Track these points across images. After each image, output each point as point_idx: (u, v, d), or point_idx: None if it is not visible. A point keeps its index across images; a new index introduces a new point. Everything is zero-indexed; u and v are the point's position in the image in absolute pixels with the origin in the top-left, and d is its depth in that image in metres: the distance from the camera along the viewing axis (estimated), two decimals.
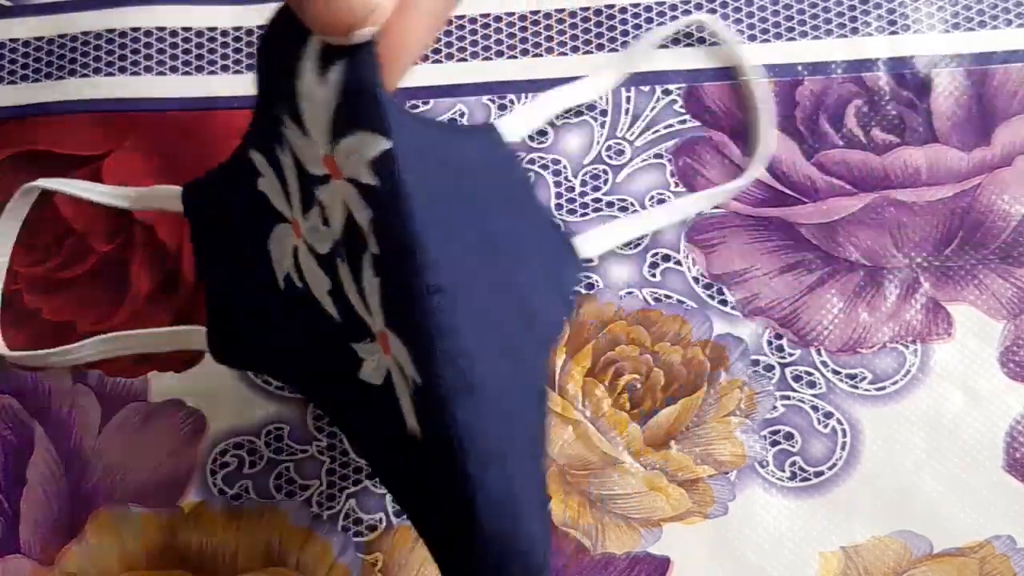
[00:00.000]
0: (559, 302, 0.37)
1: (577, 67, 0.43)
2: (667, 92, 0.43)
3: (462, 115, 0.43)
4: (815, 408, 0.40)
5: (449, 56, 0.44)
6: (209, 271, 0.38)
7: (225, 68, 0.44)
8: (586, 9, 0.44)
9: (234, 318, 0.37)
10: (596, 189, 0.42)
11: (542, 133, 0.43)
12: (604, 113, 0.43)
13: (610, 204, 0.42)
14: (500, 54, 0.44)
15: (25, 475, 0.39)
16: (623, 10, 0.44)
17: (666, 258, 0.41)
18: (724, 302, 0.41)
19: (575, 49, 0.44)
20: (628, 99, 0.43)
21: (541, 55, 0.44)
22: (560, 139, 0.43)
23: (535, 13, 0.44)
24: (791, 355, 0.40)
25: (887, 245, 0.41)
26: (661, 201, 0.42)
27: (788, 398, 0.40)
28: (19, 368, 0.40)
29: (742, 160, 0.42)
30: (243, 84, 0.44)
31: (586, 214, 0.42)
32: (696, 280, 0.41)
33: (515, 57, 0.44)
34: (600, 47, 0.44)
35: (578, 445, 0.39)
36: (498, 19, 0.44)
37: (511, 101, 0.43)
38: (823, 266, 0.41)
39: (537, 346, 0.34)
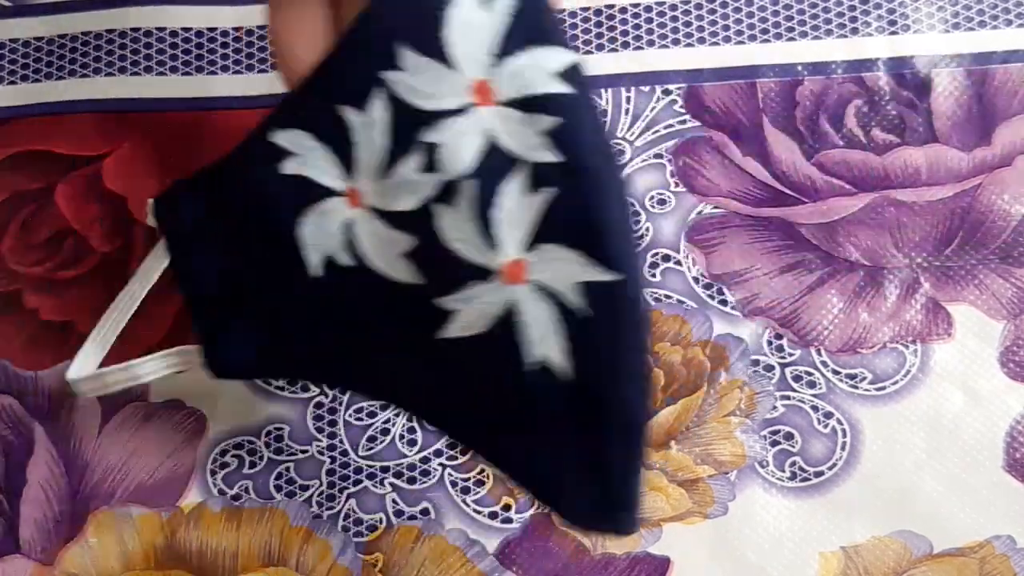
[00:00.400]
0: None
1: None
2: (667, 92, 0.43)
3: None
4: (815, 408, 0.40)
5: None
6: (196, 284, 0.34)
7: (225, 68, 0.44)
8: (586, 9, 0.44)
9: (237, 324, 0.34)
10: None
11: None
12: (604, 113, 0.43)
13: None
14: None
15: (25, 475, 0.39)
16: (623, 10, 0.44)
17: (666, 258, 0.41)
18: (724, 302, 0.41)
19: (575, 49, 0.44)
20: (628, 99, 0.43)
21: None
22: None
23: None
24: (791, 355, 0.40)
25: (887, 245, 0.41)
26: (662, 202, 0.42)
27: (788, 398, 0.40)
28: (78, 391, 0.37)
29: (742, 160, 0.42)
30: (243, 84, 0.44)
31: None
32: (696, 280, 0.41)
33: None
34: (600, 47, 0.44)
35: None
36: None
37: None
38: (823, 266, 0.41)
39: None
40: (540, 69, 0.29)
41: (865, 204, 0.42)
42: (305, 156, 0.32)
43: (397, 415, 0.40)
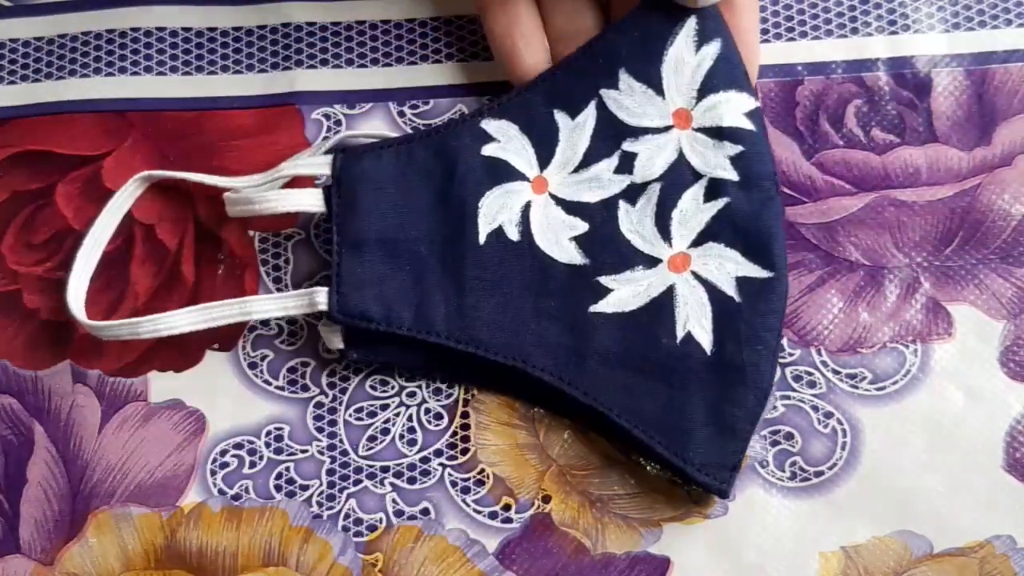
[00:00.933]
0: None
1: None
2: None
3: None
4: (815, 408, 0.40)
5: (449, 56, 0.44)
6: (355, 224, 0.38)
7: (225, 68, 0.44)
8: None
9: (383, 271, 0.38)
10: None
11: None
12: None
13: None
14: None
15: (25, 475, 0.39)
16: None
17: None
18: None
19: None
20: None
21: None
22: None
23: None
24: (791, 355, 0.40)
25: (887, 245, 0.41)
26: None
27: (788, 398, 0.40)
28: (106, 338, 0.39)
29: None
30: (243, 84, 0.44)
31: None
32: None
33: None
34: None
35: (578, 445, 0.39)
36: None
37: None
38: (823, 266, 0.41)
39: None
40: (731, 107, 0.38)
41: (865, 204, 0.42)
42: (506, 143, 0.39)
43: (397, 415, 0.40)
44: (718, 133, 0.38)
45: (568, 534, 0.39)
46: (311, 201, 0.39)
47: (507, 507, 0.39)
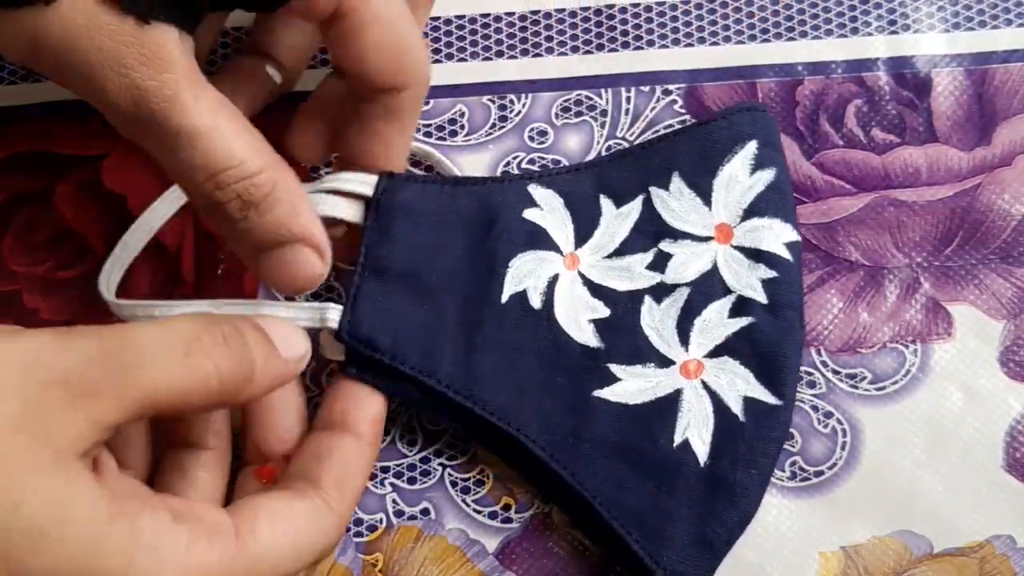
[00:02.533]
0: None
1: (577, 67, 0.43)
2: (667, 92, 0.43)
3: (462, 115, 0.43)
4: (815, 408, 0.40)
5: (449, 56, 0.44)
6: (384, 252, 0.38)
7: None
8: (586, 9, 0.44)
9: (403, 305, 0.37)
10: None
11: (542, 133, 0.43)
12: (604, 113, 0.43)
13: None
14: (500, 54, 0.44)
15: None
16: (623, 10, 0.44)
17: None
18: None
19: (575, 49, 0.44)
20: (628, 99, 0.43)
21: (541, 55, 0.44)
22: (560, 139, 0.43)
23: (535, 13, 0.44)
24: None
25: (887, 245, 0.41)
26: None
27: None
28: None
29: None
30: None
31: None
32: None
33: (515, 57, 0.44)
34: (600, 47, 0.44)
35: None
36: (498, 19, 0.44)
37: (511, 101, 0.43)
38: (823, 266, 0.41)
39: None
40: (773, 234, 0.39)
41: (865, 204, 0.42)
42: (549, 213, 0.39)
43: (397, 415, 0.40)
44: (755, 255, 0.38)
45: (568, 534, 0.39)
46: (351, 211, 0.38)
47: (507, 507, 0.39)
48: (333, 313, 0.37)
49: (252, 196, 0.32)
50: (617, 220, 0.39)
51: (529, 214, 0.39)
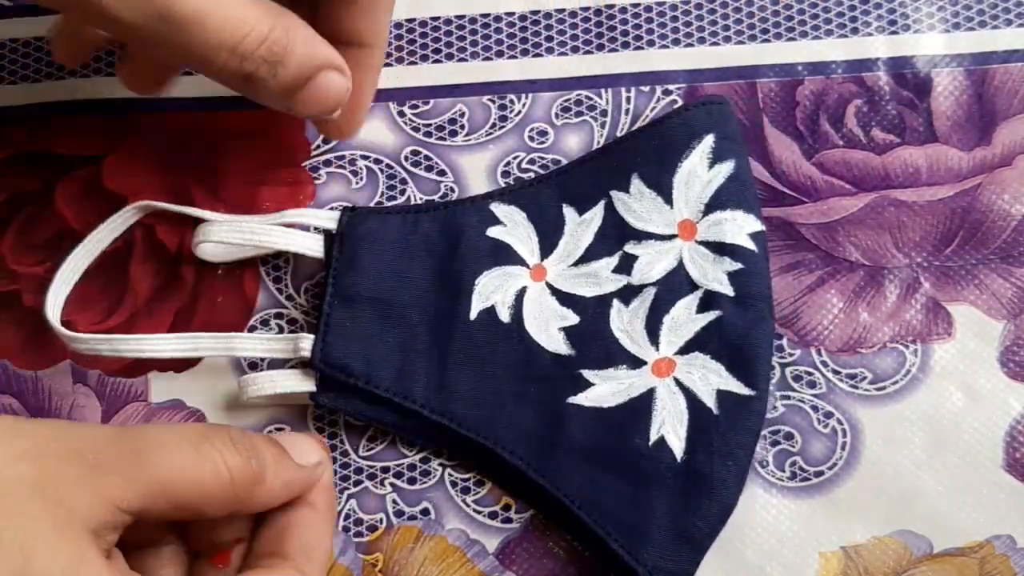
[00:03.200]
0: None
1: (577, 67, 0.43)
2: (667, 92, 0.43)
3: (462, 115, 0.43)
4: (815, 408, 0.40)
5: (449, 56, 0.44)
6: (350, 278, 0.39)
7: None
8: (586, 9, 0.44)
9: (372, 329, 0.38)
10: None
11: (542, 133, 0.43)
12: (604, 113, 0.43)
13: None
14: (500, 54, 0.44)
15: None
16: (623, 10, 0.44)
17: None
18: None
19: (575, 49, 0.44)
20: (628, 99, 0.43)
21: (541, 55, 0.44)
22: (560, 139, 0.43)
23: (535, 13, 0.44)
24: (791, 355, 0.40)
25: (887, 245, 0.41)
26: None
27: (788, 398, 0.40)
28: (81, 356, 0.38)
29: None
30: None
31: None
32: None
33: (515, 57, 0.44)
34: (600, 47, 0.44)
35: None
36: (498, 19, 0.44)
37: (511, 101, 0.43)
38: (823, 266, 0.41)
39: None
40: (736, 226, 0.38)
41: (865, 204, 0.42)
42: (512, 229, 0.40)
43: None
44: (720, 248, 0.38)
45: (568, 534, 0.39)
46: (310, 245, 0.39)
47: (507, 507, 0.39)
48: (306, 343, 0.38)
49: (275, 54, 0.34)
50: (581, 227, 0.40)
51: (492, 232, 0.40)
